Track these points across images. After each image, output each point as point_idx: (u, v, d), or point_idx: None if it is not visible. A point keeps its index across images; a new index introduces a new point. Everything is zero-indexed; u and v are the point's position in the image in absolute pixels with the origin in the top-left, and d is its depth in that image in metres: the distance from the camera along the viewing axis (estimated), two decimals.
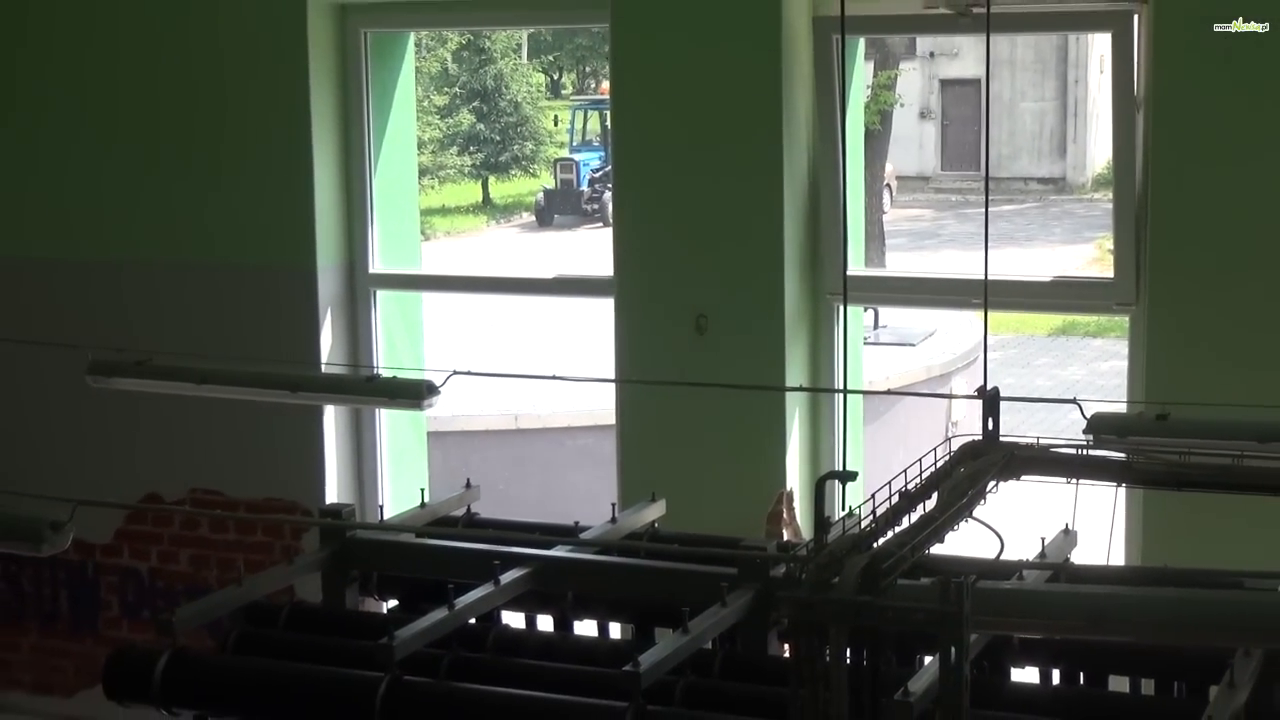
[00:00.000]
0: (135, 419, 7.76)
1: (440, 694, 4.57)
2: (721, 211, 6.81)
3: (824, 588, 3.20)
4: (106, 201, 8.00)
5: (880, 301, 7.01)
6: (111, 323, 7.56)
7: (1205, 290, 6.11)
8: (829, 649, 3.26)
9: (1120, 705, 4.56)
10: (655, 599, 5.01)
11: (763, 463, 6.76)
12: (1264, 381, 5.76)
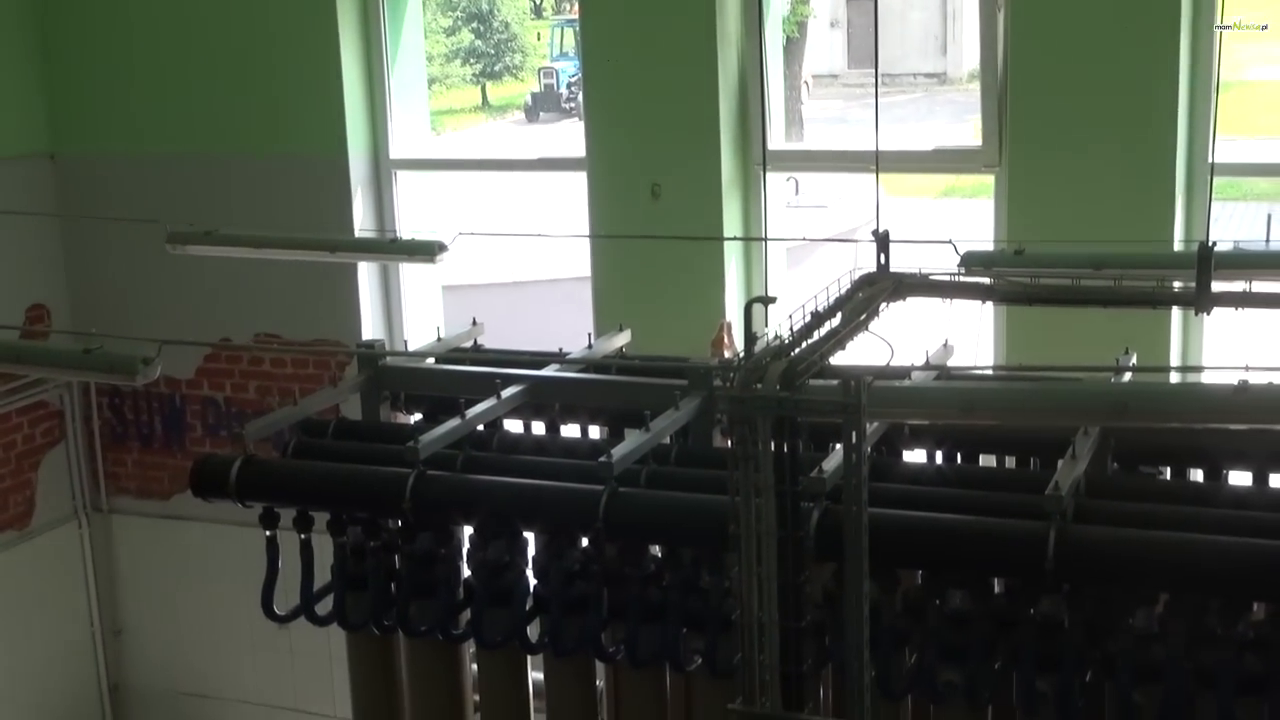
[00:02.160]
0: (206, 281, 7.74)
1: (456, 484, 4.62)
2: (669, 104, 6.78)
3: (751, 388, 3.22)
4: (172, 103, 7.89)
5: (797, 169, 6.99)
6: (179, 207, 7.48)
7: (1052, 154, 6.14)
8: (758, 437, 3.30)
9: (988, 477, 4.62)
10: (624, 406, 5.05)
11: (707, 300, 6.79)
12: (1097, 223, 5.78)
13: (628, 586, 4.43)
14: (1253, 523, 3.91)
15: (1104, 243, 4.69)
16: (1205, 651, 3.91)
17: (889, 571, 4.14)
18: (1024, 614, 4.02)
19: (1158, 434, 4.45)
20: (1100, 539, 3.88)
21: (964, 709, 4.13)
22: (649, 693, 4.67)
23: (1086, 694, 4.02)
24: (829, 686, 4.43)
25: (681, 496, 4.33)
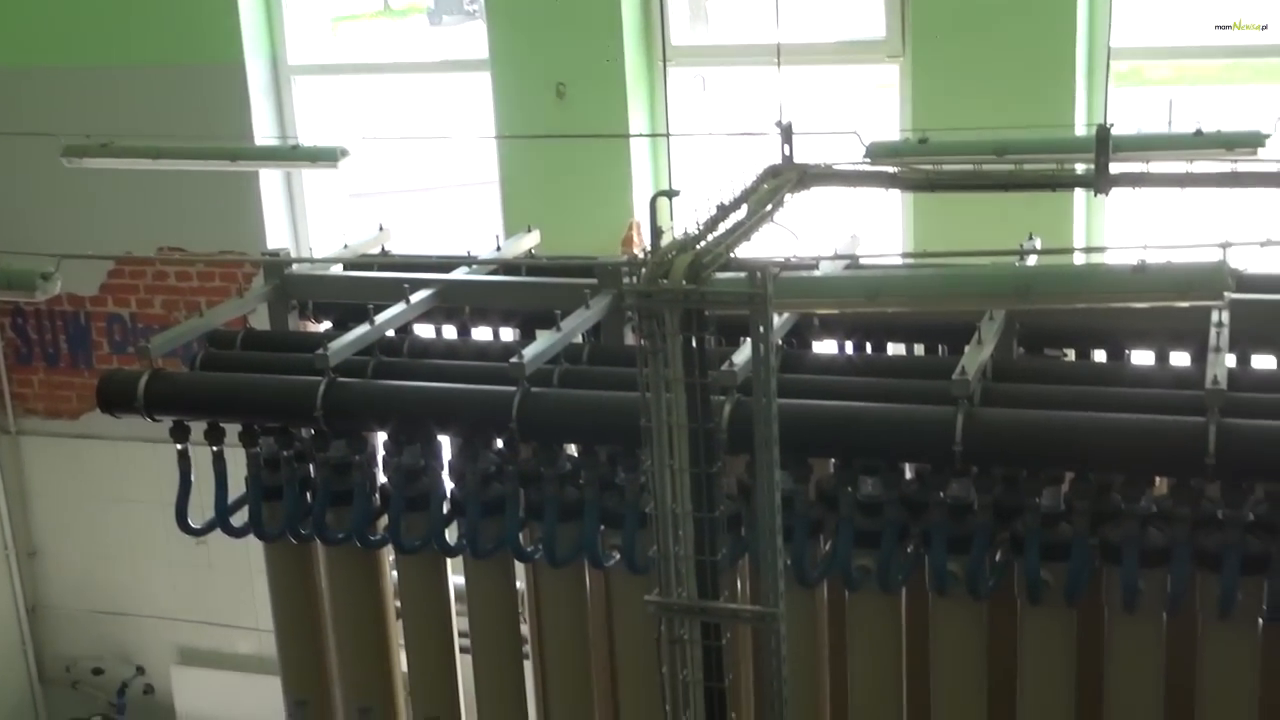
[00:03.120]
0: (106, 196, 7.60)
1: (368, 391, 4.60)
2: (572, 2, 6.72)
3: (657, 282, 3.23)
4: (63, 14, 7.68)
5: (701, 64, 6.95)
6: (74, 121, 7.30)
7: (951, 45, 6.17)
8: (666, 331, 3.30)
9: (897, 365, 4.68)
10: (535, 308, 5.05)
11: (615, 199, 6.77)
12: (1001, 111, 5.82)
13: (544, 486, 4.46)
14: (1154, 400, 4.00)
15: (1007, 129, 4.72)
16: (1110, 527, 4.02)
17: (801, 461, 4.21)
18: (934, 498, 4.10)
19: (1061, 317, 4.53)
20: (1006, 421, 3.95)
21: (877, 593, 4.22)
22: (569, 591, 4.72)
23: (996, 574, 4.12)
24: (746, 578, 4.50)
25: (594, 395, 4.35)
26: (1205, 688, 4.10)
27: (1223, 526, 3.89)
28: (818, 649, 4.52)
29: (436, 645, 4.94)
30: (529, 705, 5.00)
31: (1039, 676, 4.23)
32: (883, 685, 4.41)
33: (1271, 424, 3.78)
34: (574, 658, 4.76)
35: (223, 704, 8.37)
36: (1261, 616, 3.97)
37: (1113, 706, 4.20)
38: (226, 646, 8.41)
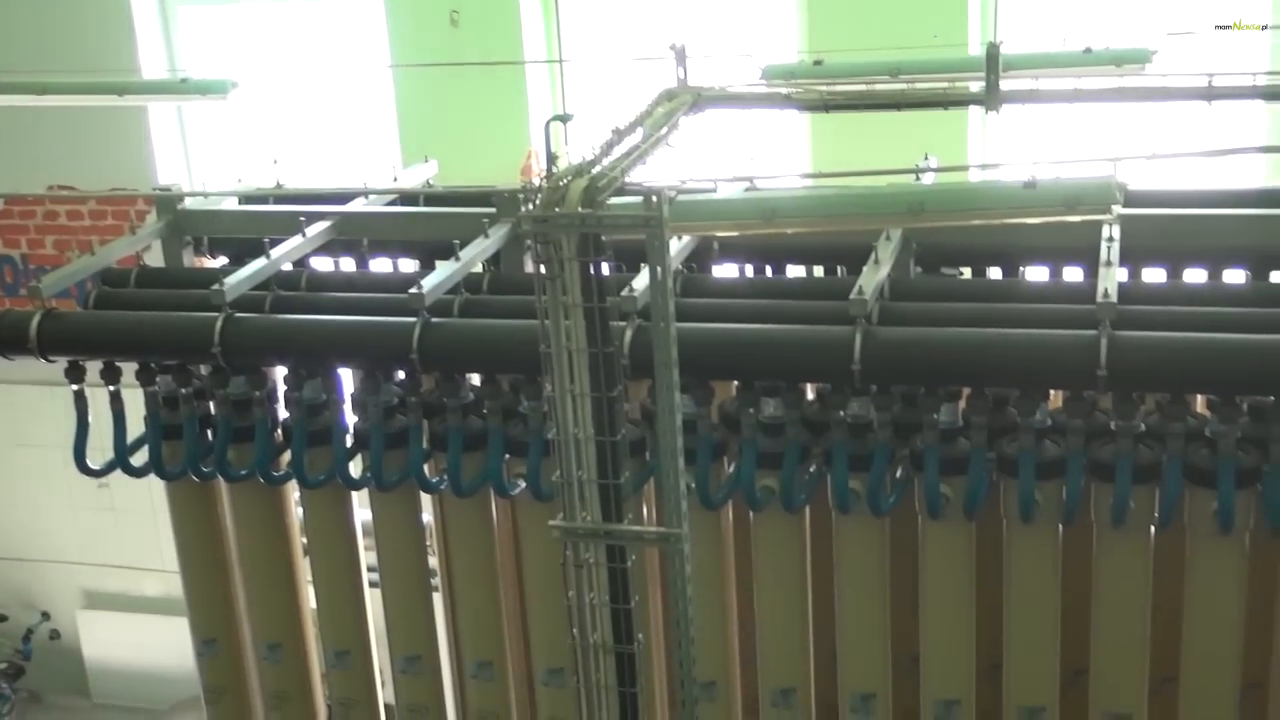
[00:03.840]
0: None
1: (266, 326, 4.56)
2: None
3: (553, 208, 3.23)
4: None
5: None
6: None
7: None
8: (563, 257, 3.31)
9: (796, 287, 4.71)
10: (434, 238, 5.01)
11: (512, 128, 6.75)
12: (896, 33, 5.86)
13: (447, 417, 4.46)
14: (1048, 316, 4.07)
15: (901, 49, 4.76)
16: (1006, 441, 4.10)
17: (702, 384, 4.24)
18: (834, 417, 4.15)
19: (957, 236, 4.57)
20: (903, 340, 4.00)
21: (781, 513, 4.28)
22: (475, 521, 4.74)
23: (897, 490, 4.19)
24: (652, 503, 4.54)
25: (494, 323, 4.35)
26: (1101, 595, 4.21)
27: (1115, 437, 3.97)
28: (724, 570, 4.58)
29: (344, 580, 4.95)
30: (439, 636, 5.02)
31: (940, 590, 4.32)
32: (788, 604, 4.48)
33: (1160, 335, 3.86)
34: (483, 587, 4.78)
35: (130, 647, 8.34)
36: (1153, 524, 4.07)
37: (1012, 616, 4.30)
38: (133, 589, 8.37)
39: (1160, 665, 4.32)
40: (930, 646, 4.39)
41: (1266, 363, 3.78)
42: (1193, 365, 3.83)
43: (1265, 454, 3.91)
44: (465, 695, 5.03)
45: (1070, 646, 4.34)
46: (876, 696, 4.49)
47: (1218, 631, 4.15)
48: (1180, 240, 4.48)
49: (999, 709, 4.43)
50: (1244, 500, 3.95)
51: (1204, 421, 4.06)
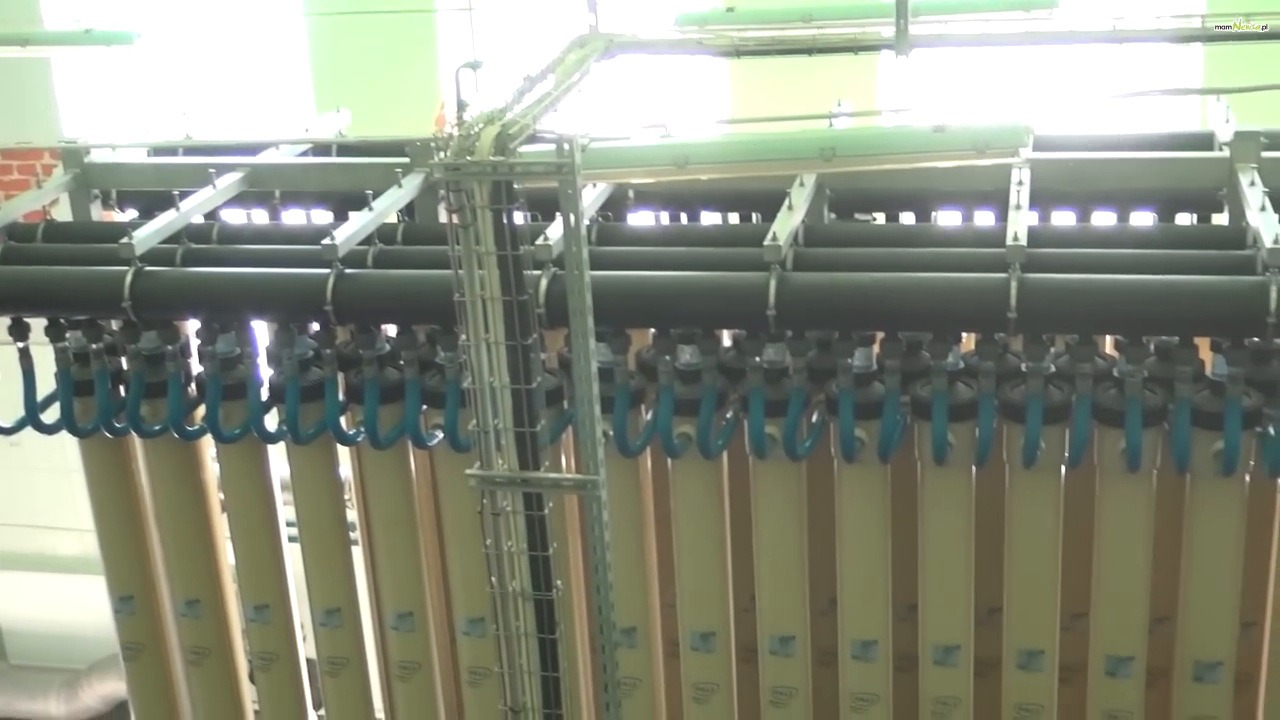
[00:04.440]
0: None
1: (177, 279, 4.51)
2: None
3: (465, 156, 3.22)
4: None
5: None
6: None
7: None
8: (475, 205, 3.31)
9: (711, 234, 4.73)
10: (348, 189, 4.97)
11: (424, 77, 6.70)
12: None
13: (363, 368, 4.45)
14: (959, 259, 4.12)
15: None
16: (920, 384, 4.16)
17: (619, 333, 4.26)
18: (750, 363, 4.18)
19: (870, 181, 4.62)
20: (817, 285, 4.04)
21: (699, 460, 4.31)
22: (393, 473, 4.73)
23: (813, 435, 4.24)
24: (571, 453, 4.56)
25: (409, 274, 4.34)
26: (1013, 534, 4.29)
27: (1026, 379, 4.04)
28: (643, 516, 4.61)
29: (262, 534, 4.93)
30: (359, 590, 5.03)
31: (857, 533, 4.38)
32: (707, 549, 4.53)
33: (1069, 278, 3.93)
34: (402, 539, 4.79)
35: (46, 606, 8.27)
36: (1064, 464, 4.15)
37: (928, 556, 4.37)
38: (48, 549, 8.28)
39: (1072, 602, 4.41)
40: (848, 588, 4.46)
41: (1172, 303, 3.86)
42: (1100, 307, 3.90)
43: (1171, 393, 3.99)
44: (386, 646, 5.04)
45: (985, 585, 4.43)
46: (795, 639, 4.55)
47: (1127, 567, 4.25)
48: (1089, 183, 4.54)
49: (915, 648, 4.51)
50: (1151, 439, 4.04)
51: (1112, 362, 4.14)
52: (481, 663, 4.67)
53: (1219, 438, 3.96)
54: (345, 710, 5.10)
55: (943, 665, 4.47)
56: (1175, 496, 4.23)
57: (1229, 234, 4.23)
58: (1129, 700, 4.38)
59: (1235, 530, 4.16)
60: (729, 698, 4.74)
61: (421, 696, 5.00)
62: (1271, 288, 3.72)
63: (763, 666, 4.62)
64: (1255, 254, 3.90)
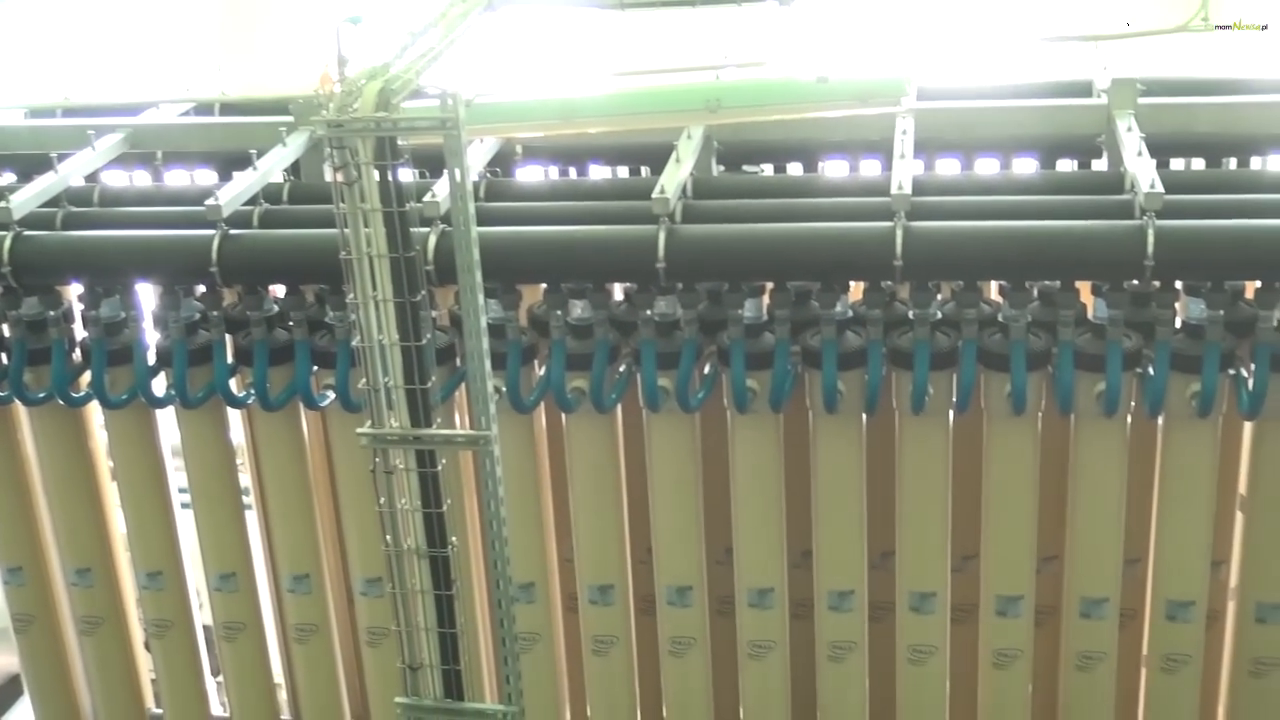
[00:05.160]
0: None
1: (58, 243, 4.43)
2: None
3: (348, 111, 3.21)
4: None
5: None
6: None
7: None
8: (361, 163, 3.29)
9: (600, 188, 4.73)
10: (232, 149, 4.92)
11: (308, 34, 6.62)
12: None
13: (251, 330, 4.42)
14: (847, 209, 4.17)
15: None
16: (809, 334, 4.21)
17: (510, 288, 4.27)
18: (642, 316, 4.21)
19: (757, 133, 4.66)
20: (706, 237, 4.07)
21: (593, 414, 4.34)
22: (285, 435, 4.71)
23: (705, 386, 4.28)
24: (465, 410, 4.57)
25: (295, 233, 4.30)
26: (904, 479, 4.37)
27: (913, 326, 4.11)
28: (538, 472, 4.63)
29: (152, 501, 4.89)
30: (255, 554, 5.00)
31: (749, 482, 4.43)
32: (603, 503, 4.56)
33: (953, 225, 3.99)
34: (296, 501, 4.77)
35: None
36: (952, 409, 4.23)
37: (820, 503, 4.44)
38: None
39: (961, 544, 4.51)
40: (743, 537, 4.52)
41: (1054, 248, 3.94)
42: (984, 253, 3.97)
43: (1055, 337, 4.08)
44: (283, 610, 5.03)
45: (877, 530, 4.51)
46: (693, 589, 4.61)
47: (1015, 509, 4.34)
48: (972, 132, 4.62)
49: (810, 594, 4.58)
50: (1036, 382, 4.12)
51: (997, 308, 4.22)
52: (380, 623, 4.68)
53: (1101, 379, 4.06)
54: (243, 675, 5.09)
55: (838, 610, 4.54)
56: (1060, 438, 4.33)
57: (1108, 179, 4.31)
58: (1019, 639, 4.49)
59: (1118, 469, 4.26)
60: (628, 650, 4.79)
61: (320, 658, 5.00)
62: (1148, 231, 3.81)
63: (661, 617, 4.67)
64: (1133, 199, 3.99)
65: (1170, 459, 4.25)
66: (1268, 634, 4.39)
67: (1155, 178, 3.89)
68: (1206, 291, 3.97)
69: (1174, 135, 4.56)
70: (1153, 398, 4.06)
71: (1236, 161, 4.69)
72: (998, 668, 4.54)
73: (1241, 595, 4.45)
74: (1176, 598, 4.39)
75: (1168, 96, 4.55)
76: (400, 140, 3.27)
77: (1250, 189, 4.19)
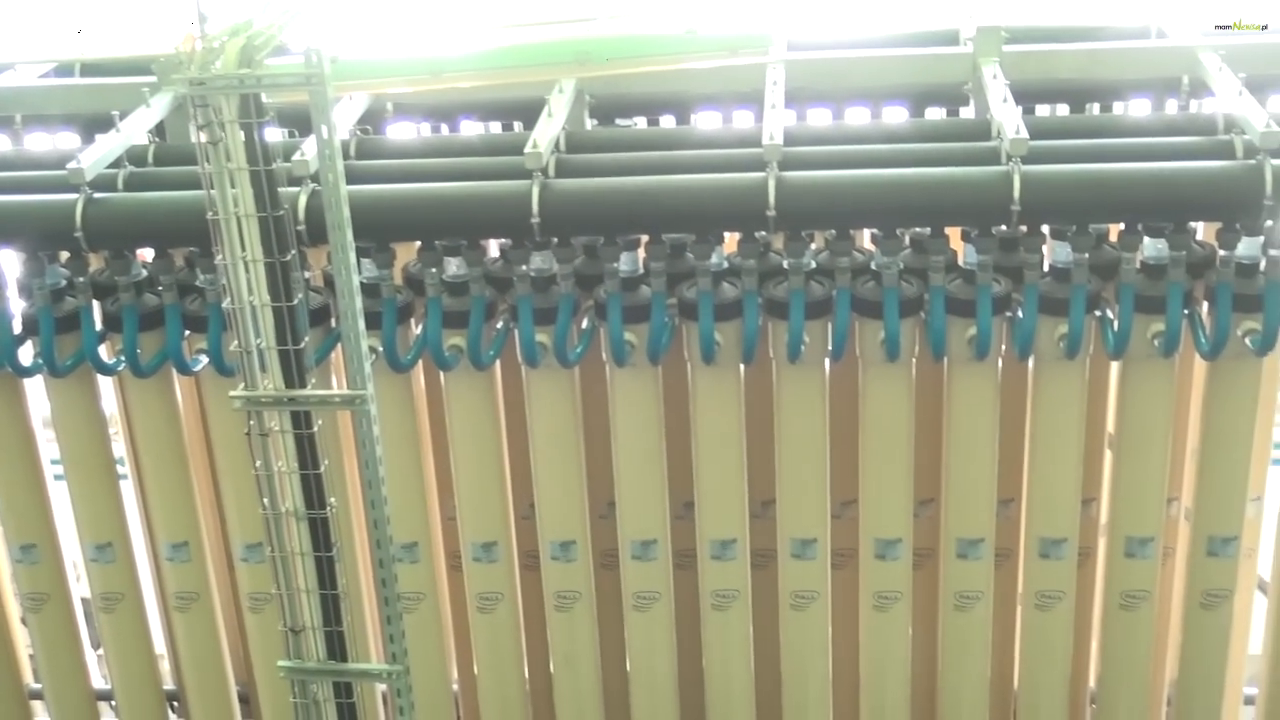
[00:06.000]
0: None
1: None
2: None
3: (210, 69, 3.17)
4: None
5: None
6: None
7: None
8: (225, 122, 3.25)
9: (473, 144, 4.70)
10: (93, 111, 4.83)
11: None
12: None
13: (119, 295, 4.35)
14: (720, 160, 4.19)
15: None
16: (686, 286, 4.24)
17: (384, 247, 4.24)
18: (518, 272, 4.20)
19: (630, 86, 4.64)
20: (579, 191, 4.07)
21: (471, 372, 4.33)
22: (159, 402, 4.64)
23: (584, 341, 4.29)
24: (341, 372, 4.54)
25: (161, 196, 4.23)
26: (782, 428, 4.42)
27: (787, 275, 4.15)
28: (419, 431, 4.62)
29: (24, 472, 4.79)
30: (131, 523, 4.93)
31: (630, 435, 4.46)
32: (483, 460, 4.57)
33: (825, 174, 4.03)
34: (171, 468, 4.71)
35: None
36: (827, 357, 4.29)
37: (701, 454, 4.48)
38: None
39: (840, 490, 4.58)
40: (624, 490, 4.55)
41: (923, 195, 4.00)
42: (855, 201, 4.02)
43: (926, 283, 4.14)
44: (163, 579, 4.98)
45: (757, 479, 4.56)
46: (575, 543, 4.64)
47: (892, 453, 4.42)
48: (842, 81, 4.67)
49: (693, 543, 4.63)
50: (909, 328, 4.19)
51: (870, 256, 4.27)
52: (261, 588, 4.65)
53: (973, 324, 4.14)
54: (124, 646, 5.03)
55: (721, 560, 4.60)
56: (934, 383, 4.41)
57: (975, 126, 4.38)
58: (898, 581, 4.58)
59: (991, 412, 4.36)
60: (513, 607, 4.81)
61: (202, 626, 4.96)
62: (1014, 177, 3.89)
63: (624, 569, 4.69)
64: (999, 145, 4.06)
65: (1040, 400, 4.35)
66: (1136, 568, 4.52)
67: (1020, 124, 3.96)
68: (1072, 235, 4.05)
69: (1038, 82, 4.64)
70: (1022, 340, 4.15)
71: (1100, 107, 4.79)
72: (879, 610, 4.63)
73: (1111, 531, 4.57)
74: (1050, 535, 4.50)
75: (1032, 44, 4.63)
76: (265, 98, 3.24)
77: (1112, 133, 4.29)
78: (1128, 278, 4.06)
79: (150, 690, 5.16)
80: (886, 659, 4.74)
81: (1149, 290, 4.09)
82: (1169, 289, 4.05)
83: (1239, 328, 4.10)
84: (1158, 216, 4.04)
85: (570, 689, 4.89)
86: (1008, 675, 4.92)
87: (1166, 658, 4.94)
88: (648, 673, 4.83)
